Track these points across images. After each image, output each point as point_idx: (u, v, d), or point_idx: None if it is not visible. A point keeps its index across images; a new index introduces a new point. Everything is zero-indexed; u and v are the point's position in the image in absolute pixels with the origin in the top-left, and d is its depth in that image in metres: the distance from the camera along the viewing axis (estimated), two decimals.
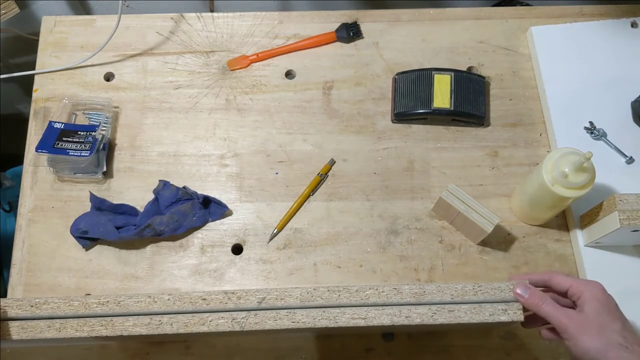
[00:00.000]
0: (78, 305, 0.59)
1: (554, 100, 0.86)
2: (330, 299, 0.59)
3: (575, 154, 0.69)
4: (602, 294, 0.62)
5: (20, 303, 0.60)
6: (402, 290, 0.59)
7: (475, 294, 0.59)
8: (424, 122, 0.87)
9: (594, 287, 0.63)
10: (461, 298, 0.59)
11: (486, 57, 0.91)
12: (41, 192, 0.83)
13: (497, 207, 0.82)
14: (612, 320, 0.61)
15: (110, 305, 0.59)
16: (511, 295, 0.60)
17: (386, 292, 0.59)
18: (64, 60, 0.91)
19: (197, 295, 0.60)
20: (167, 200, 0.81)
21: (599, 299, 0.62)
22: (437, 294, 0.59)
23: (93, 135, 0.83)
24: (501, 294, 0.60)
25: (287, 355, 0.76)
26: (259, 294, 0.59)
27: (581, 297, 0.62)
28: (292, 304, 0.59)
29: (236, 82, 0.90)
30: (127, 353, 0.75)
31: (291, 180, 0.84)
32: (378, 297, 0.59)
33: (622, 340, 0.59)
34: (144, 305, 0.59)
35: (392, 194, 0.83)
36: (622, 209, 0.69)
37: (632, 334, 0.60)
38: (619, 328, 0.60)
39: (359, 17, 0.94)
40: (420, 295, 0.59)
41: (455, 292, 0.59)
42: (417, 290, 0.59)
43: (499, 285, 0.60)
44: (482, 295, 0.59)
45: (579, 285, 0.63)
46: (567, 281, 0.64)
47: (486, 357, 0.76)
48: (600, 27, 0.91)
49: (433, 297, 0.59)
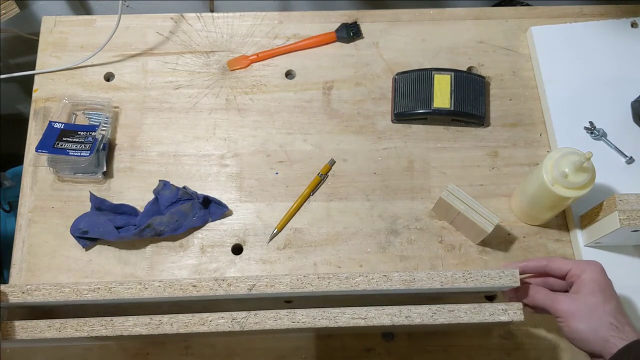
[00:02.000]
0: (69, 292, 0.58)
1: (554, 100, 0.86)
2: (320, 285, 0.59)
3: (575, 154, 0.69)
4: (600, 274, 0.63)
5: (12, 290, 0.59)
6: (391, 277, 0.59)
7: (465, 281, 0.59)
8: (424, 122, 0.87)
9: (593, 269, 0.64)
10: (451, 285, 0.59)
11: (486, 57, 0.91)
12: (41, 192, 0.83)
13: (497, 207, 0.82)
14: (606, 300, 0.62)
15: (101, 292, 0.59)
16: (500, 282, 0.60)
17: (376, 280, 0.59)
18: (64, 60, 0.91)
19: (187, 282, 0.59)
20: (167, 200, 0.81)
21: (595, 279, 0.63)
22: (427, 281, 0.59)
23: (93, 135, 0.83)
24: (491, 281, 0.60)
25: (287, 355, 0.76)
26: (249, 280, 0.59)
27: (579, 278, 0.64)
28: (282, 290, 0.59)
29: (236, 82, 0.90)
30: (127, 353, 0.75)
31: (291, 180, 0.84)
32: (367, 285, 0.59)
33: (613, 320, 0.60)
34: (135, 292, 0.59)
35: (392, 194, 0.83)
36: (622, 209, 0.69)
37: (624, 315, 0.61)
38: (612, 309, 0.61)
39: (359, 17, 0.94)
40: (409, 283, 0.59)
41: (445, 279, 0.59)
42: (406, 277, 0.59)
43: (489, 273, 0.60)
44: (472, 283, 0.59)
45: (579, 266, 0.64)
46: (567, 264, 0.65)
47: (486, 357, 0.76)
48: (600, 27, 0.91)
49: (423, 284, 0.59)
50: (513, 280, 0.60)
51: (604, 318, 0.61)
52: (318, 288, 0.59)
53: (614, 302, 0.62)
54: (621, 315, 0.61)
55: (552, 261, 0.66)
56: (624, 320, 0.61)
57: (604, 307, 0.61)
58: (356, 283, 0.59)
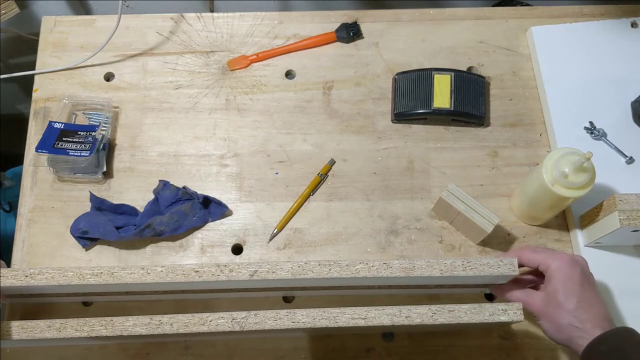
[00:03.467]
0: (72, 275, 0.59)
1: (554, 100, 0.86)
2: (321, 272, 0.59)
3: (575, 154, 0.69)
4: (565, 269, 0.63)
5: (15, 273, 0.59)
6: (392, 265, 0.60)
7: (464, 269, 0.60)
8: (424, 122, 0.87)
9: (558, 262, 0.63)
10: (450, 273, 0.59)
11: (486, 57, 0.91)
12: (41, 192, 0.83)
13: (497, 207, 0.82)
14: (567, 297, 0.62)
15: (104, 277, 0.59)
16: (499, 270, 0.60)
17: (376, 267, 0.59)
18: (64, 60, 0.91)
19: (189, 268, 0.60)
20: (167, 200, 0.81)
21: (559, 277, 0.63)
22: (427, 269, 0.60)
23: (93, 135, 0.83)
24: (489, 270, 0.60)
25: (287, 355, 0.76)
26: (251, 267, 0.59)
27: (547, 273, 0.64)
28: (283, 276, 0.59)
29: (236, 82, 0.90)
30: (127, 353, 0.75)
31: (291, 180, 0.84)
32: (368, 272, 0.59)
33: (573, 320, 0.61)
34: (137, 276, 0.59)
35: (392, 194, 0.83)
36: (622, 209, 0.69)
37: (586, 311, 0.61)
38: (572, 307, 0.61)
39: (359, 17, 0.94)
40: (409, 270, 0.59)
41: (444, 268, 0.60)
42: (406, 265, 0.60)
43: (487, 261, 0.60)
44: (471, 271, 0.60)
45: (545, 260, 0.64)
46: (535, 260, 0.65)
47: (486, 357, 0.76)
48: (600, 27, 0.91)
49: (422, 271, 0.59)
50: (511, 269, 0.60)
51: (565, 318, 0.61)
52: (319, 275, 0.59)
53: (575, 299, 0.61)
54: (583, 311, 0.61)
55: (521, 256, 0.66)
56: (585, 317, 0.61)
57: (565, 305, 0.61)
58: (356, 270, 0.59)
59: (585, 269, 0.65)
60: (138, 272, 0.59)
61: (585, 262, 0.66)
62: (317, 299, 0.77)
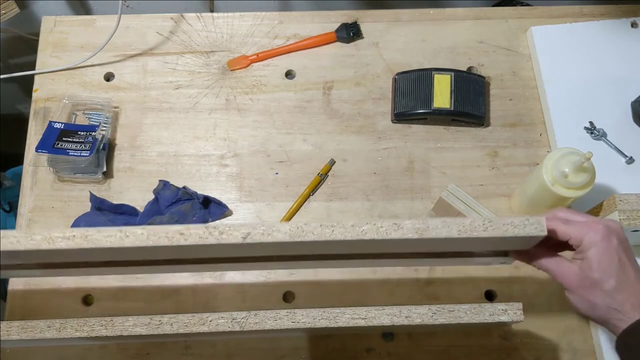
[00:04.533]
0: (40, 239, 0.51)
1: (554, 100, 0.86)
2: (322, 234, 0.51)
3: (575, 154, 0.69)
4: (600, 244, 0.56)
5: None
6: (403, 225, 0.51)
7: (485, 229, 0.52)
8: (424, 122, 0.87)
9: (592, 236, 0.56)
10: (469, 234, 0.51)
11: (486, 57, 0.91)
12: (41, 192, 0.83)
13: (497, 207, 0.82)
14: (604, 277, 0.56)
15: (76, 240, 0.52)
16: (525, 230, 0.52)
17: (385, 228, 0.51)
18: (64, 60, 0.91)
19: (174, 230, 0.53)
20: (167, 200, 0.81)
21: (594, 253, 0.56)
22: (443, 229, 0.51)
23: (93, 135, 0.83)
24: (514, 230, 0.51)
25: (287, 355, 0.76)
26: (244, 229, 0.51)
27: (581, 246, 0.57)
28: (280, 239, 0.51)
29: (236, 82, 0.90)
30: (127, 353, 0.75)
31: (291, 180, 0.84)
32: (376, 234, 0.51)
33: (611, 301, 0.55)
34: (115, 240, 0.52)
35: (392, 194, 0.83)
36: (622, 209, 0.69)
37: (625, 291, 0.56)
38: (610, 288, 0.56)
39: (359, 17, 0.94)
40: (423, 232, 0.51)
41: (462, 228, 0.51)
42: (420, 225, 0.51)
43: (512, 221, 0.52)
44: (493, 232, 0.51)
45: (577, 235, 0.57)
46: (566, 234, 0.58)
47: (486, 357, 0.76)
48: (600, 27, 0.91)
49: (438, 232, 0.51)
50: (539, 229, 0.52)
51: (601, 298, 0.56)
52: (320, 237, 0.50)
53: (612, 279, 0.56)
54: (621, 292, 0.55)
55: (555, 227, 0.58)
56: (624, 298, 0.55)
57: (602, 284, 0.56)
58: (363, 232, 0.51)
59: (621, 237, 0.58)
60: (116, 236, 0.52)
61: (620, 228, 0.59)
62: (317, 299, 0.78)
